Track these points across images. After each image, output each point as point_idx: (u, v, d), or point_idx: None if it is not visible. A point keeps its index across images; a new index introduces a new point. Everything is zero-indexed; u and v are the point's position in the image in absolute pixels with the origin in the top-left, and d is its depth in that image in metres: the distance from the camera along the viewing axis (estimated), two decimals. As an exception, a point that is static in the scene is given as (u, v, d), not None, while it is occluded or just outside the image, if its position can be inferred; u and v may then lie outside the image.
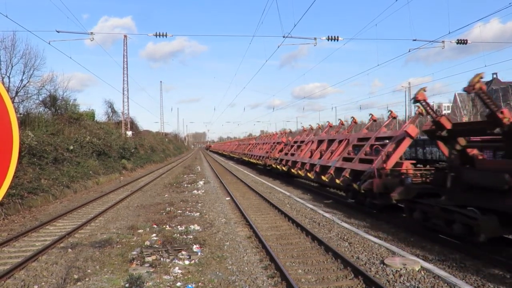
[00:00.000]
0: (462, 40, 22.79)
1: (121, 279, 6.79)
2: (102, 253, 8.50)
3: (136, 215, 13.20)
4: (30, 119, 23.89)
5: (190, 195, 18.16)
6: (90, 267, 7.55)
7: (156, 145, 62.22)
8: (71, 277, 6.95)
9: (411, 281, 6.39)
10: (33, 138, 19.95)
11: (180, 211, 13.73)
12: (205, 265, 7.60)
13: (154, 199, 17.15)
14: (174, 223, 11.58)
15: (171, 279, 6.84)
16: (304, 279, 6.68)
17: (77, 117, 31.45)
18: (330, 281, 6.62)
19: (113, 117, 50.70)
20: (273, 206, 14.03)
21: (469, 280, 6.40)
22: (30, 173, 17.10)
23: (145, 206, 15.01)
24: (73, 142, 25.55)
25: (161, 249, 8.49)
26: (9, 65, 24.59)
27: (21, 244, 9.53)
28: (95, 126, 35.03)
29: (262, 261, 7.74)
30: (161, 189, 21.10)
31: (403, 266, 6.97)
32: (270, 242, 9.11)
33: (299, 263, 7.61)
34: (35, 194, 15.66)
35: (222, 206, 14.70)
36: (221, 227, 11.00)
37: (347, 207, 13.71)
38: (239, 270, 7.24)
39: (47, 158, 19.69)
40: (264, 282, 6.61)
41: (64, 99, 32.30)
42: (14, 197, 14.13)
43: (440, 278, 6.42)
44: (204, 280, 6.74)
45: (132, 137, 45.85)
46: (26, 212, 13.88)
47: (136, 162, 37.62)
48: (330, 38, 21.39)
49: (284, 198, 16.21)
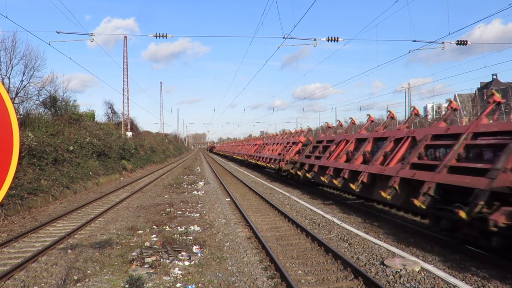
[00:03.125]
0: (462, 41, 22.80)
1: (121, 280, 6.79)
2: (102, 254, 8.50)
3: (136, 216, 13.20)
4: (30, 119, 23.88)
5: (190, 196, 18.16)
6: (90, 268, 7.54)
7: (156, 146, 62.23)
8: (71, 278, 6.95)
9: (411, 282, 6.38)
10: (33, 138, 19.96)
11: (180, 212, 13.73)
12: (205, 266, 7.60)
13: (154, 200, 17.15)
14: (174, 224, 11.58)
15: (171, 280, 6.84)
16: (304, 280, 6.68)
17: (77, 118, 31.44)
18: (330, 282, 6.62)
19: (113, 117, 50.73)
20: (273, 207, 14.03)
21: (469, 281, 6.40)
22: (30, 174, 17.11)
23: (145, 207, 15.01)
24: (73, 143, 25.54)
25: (161, 250, 8.49)
26: (9, 66, 24.60)
27: (21, 245, 9.53)
28: (95, 127, 35.03)
29: (262, 262, 7.73)
30: (161, 190, 21.10)
31: (403, 267, 6.97)
32: (270, 243, 9.11)
33: (299, 264, 7.61)
34: (35, 195, 15.65)
35: (222, 207, 14.70)
36: (221, 228, 11.00)
37: (347, 207, 13.70)
38: (239, 271, 7.24)
39: (47, 159, 19.69)
40: (264, 283, 6.61)
41: (64, 99, 32.36)
42: (14, 198, 14.13)
43: (440, 278, 6.42)
44: (204, 281, 6.74)
45: (132, 138, 45.86)
46: (26, 213, 13.88)
47: (136, 163, 37.61)
48: (330, 39, 21.40)
49: (284, 199, 16.21)
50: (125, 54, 46.21)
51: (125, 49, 45.83)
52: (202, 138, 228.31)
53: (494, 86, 72.70)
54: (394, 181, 10.02)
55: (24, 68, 25.53)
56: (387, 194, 10.22)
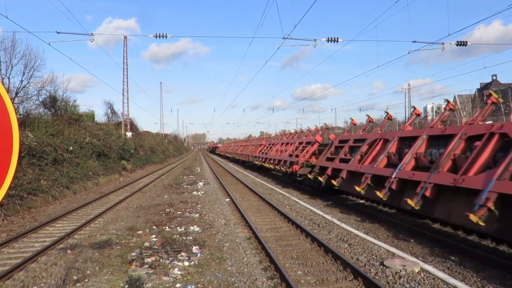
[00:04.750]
0: (462, 42, 22.81)
1: (120, 280, 6.78)
2: (102, 254, 8.49)
3: (135, 216, 13.19)
4: (30, 120, 23.88)
5: (189, 196, 18.15)
6: (90, 268, 7.54)
7: (156, 146, 62.23)
8: (70, 278, 6.94)
9: (411, 282, 6.38)
10: (33, 139, 19.95)
11: (179, 212, 13.72)
12: (205, 266, 7.59)
13: (153, 200, 17.15)
14: (174, 224, 11.57)
15: (170, 280, 6.83)
16: (303, 280, 6.68)
17: (77, 118, 31.43)
18: (329, 282, 6.62)
19: (113, 118, 50.75)
20: (272, 207, 14.02)
21: (468, 281, 6.40)
22: (30, 174, 17.10)
23: (144, 207, 15.00)
24: (73, 143, 25.54)
25: (161, 250, 8.49)
26: (9, 65, 24.62)
27: (21, 245, 9.52)
28: (95, 127, 35.02)
29: (262, 262, 7.73)
30: (160, 190, 21.10)
31: (403, 267, 6.96)
32: (270, 243, 9.10)
33: (299, 264, 7.60)
34: (34, 195, 15.65)
35: (221, 207, 14.70)
36: (221, 228, 11.00)
37: (347, 208, 13.69)
38: (238, 271, 7.23)
39: (47, 159, 19.68)
40: (264, 283, 6.61)
41: (64, 100, 32.37)
42: (14, 198, 14.12)
43: (440, 279, 6.42)
44: (203, 281, 6.74)
45: (132, 138, 45.85)
46: (26, 213, 13.87)
47: (135, 163, 37.60)
48: (330, 39, 21.42)
49: (283, 199, 16.20)
50: (125, 55, 46.25)
51: (125, 49, 45.88)
52: (202, 138, 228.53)
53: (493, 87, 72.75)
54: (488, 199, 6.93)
55: (24, 68, 25.58)
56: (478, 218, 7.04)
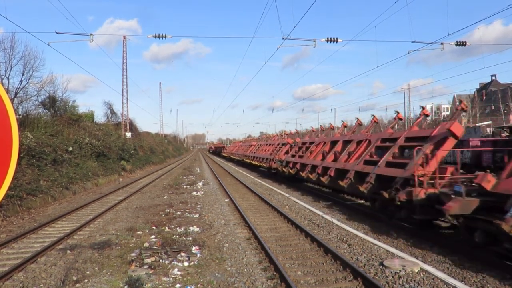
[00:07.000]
0: (461, 42, 22.82)
1: (120, 281, 6.78)
2: (101, 254, 8.48)
3: (135, 216, 13.19)
4: (29, 120, 23.87)
5: (189, 196, 18.15)
6: (89, 268, 7.53)
7: (155, 147, 62.19)
8: (70, 278, 6.94)
9: (411, 282, 6.38)
10: (32, 139, 19.93)
11: (179, 212, 13.72)
12: (204, 267, 7.59)
13: (153, 200, 17.14)
14: (173, 224, 11.57)
15: (170, 280, 6.83)
16: (303, 281, 6.68)
17: (76, 118, 31.42)
18: (329, 282, 6.62)
19: (112, 118, 50.70)
20: (272, 207, 14.02)
21: (468, 282, 6.40)
22: (29, 174, 17.08)
23: (144, 208, 14.99)
24: (72, 143, 25.52)
25: (160, 250, 8.49)
26: (8, 66, 24.62)
27: (20, 245, 9.51)
28: (94, 127, 34.97)
29: (262, 263, 7.73)
30: (160, 190, 21.09)
31: (402, 267, 6.97)
32: (270, 243, 9.10)
33: (299, 264, 7.60)
34: (34, 196, 15.63)
35: (221, 207, 14.70)
36: (221, 228, 10.99)
37: (347, 208, 13.70)
38: (238, 272, 7.23)
39: (46, 159, 19.67)
40: (264, 283, 6.61)
41: (64, 100, 32.33)
42: (13, 199, 14.11)
43: (440, 279, 6.42)
44: (203, 282, 6.74)
45: (131, 139, 45.80)
46: (25, 213, 13.86)
47: (135, 164, 37.58)
48: (329, 39, 21.43)
49: (283, 200, 16.21)
50: (124, 55, 46.16)
51: (125, 49, 45.77)
52: (201, 138, 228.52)
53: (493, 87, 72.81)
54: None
55: (23, 69, 25.57)
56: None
